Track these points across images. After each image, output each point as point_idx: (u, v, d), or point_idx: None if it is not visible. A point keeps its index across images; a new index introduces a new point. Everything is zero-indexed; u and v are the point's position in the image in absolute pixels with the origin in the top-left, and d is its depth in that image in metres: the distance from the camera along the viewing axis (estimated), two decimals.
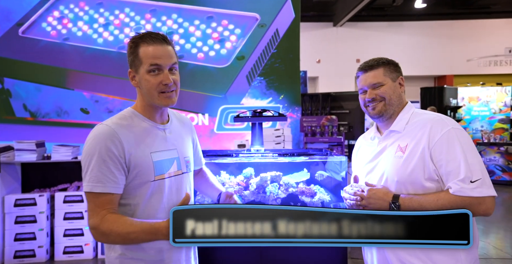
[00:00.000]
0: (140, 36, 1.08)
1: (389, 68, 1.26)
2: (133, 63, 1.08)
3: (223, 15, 3.71)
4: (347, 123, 4.44)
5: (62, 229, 3.15)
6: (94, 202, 1.01)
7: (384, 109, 1.23)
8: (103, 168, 1.01)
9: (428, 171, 1.12)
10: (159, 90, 1.07)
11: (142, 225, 0.99)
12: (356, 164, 1.36)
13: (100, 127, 1.06)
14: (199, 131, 3.81)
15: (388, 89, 1.24)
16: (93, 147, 1.03)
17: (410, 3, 9.24)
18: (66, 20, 3.71)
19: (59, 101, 3.71)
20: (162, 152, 1.10)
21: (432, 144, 1.12)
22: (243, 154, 1.81)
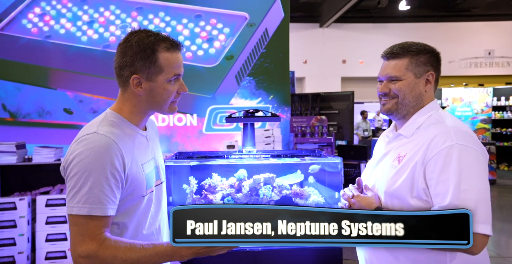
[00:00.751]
0: (158, 40, 0.97)
1: (416, 60, 1.04)
2: (146, 69, 0.96)
3: (211, 14, 3.65)
4: (337, 123, 4.45)
5: (44, 234, 3.03)
6: (86, 225, 0.88)
7: (394, 108, 1.07)
8: (106, 187, 0.89)
9: (416, 189, 0.98)
10: (174, 98, 1.02)
11: (155, 248, 0.89)
12: (368, 164, 1.25)
13: (99, 138, 0.92)
14: (187, 131, 3.74)
15: (405, 87, 1.05)
16: (93, 163, 0.89)
17: (395, 5, 9.40)
18: (48, 17, 3.58)
19: (40, 101, 3.58)
20: (148, 163, 1.03)
21: (427, 159, 0.97)
22: (235, 155, 1.77)
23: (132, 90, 0.99)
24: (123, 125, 1.00)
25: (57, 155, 3.20)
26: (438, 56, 1.08)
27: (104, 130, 0.95)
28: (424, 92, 1.07)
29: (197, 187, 1.66)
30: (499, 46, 10.31)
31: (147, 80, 0.97)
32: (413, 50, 1.05)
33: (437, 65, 1.07)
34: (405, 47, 1.06)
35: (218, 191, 1.67)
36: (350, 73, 10.95)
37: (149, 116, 1.06)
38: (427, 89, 1.07)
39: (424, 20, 10.50)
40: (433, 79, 1.07)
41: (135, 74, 0.97)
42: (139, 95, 1.00)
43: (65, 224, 3.03)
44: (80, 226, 0.88)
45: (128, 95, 1.01)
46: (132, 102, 1.01)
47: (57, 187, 3.37)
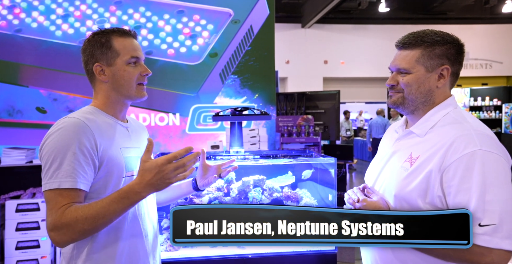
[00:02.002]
0: (110, 30, 1.07)
1: (430, 52, 0.94)
2: (103, 56, 1.04)
3: (194, 10, 3.53)
4: (323, 123, 4.42)
5: (14, 242, 2.83)
6: (55, 199, 0.91)
7: (400, 102, 0.99)
8: (74, 162, 0.92)
9: (430, 196, 0.90)
10: (138, 81, 1.07)
11: (110, 196, 0.92)
12: (372, 162, 1.14)
13: (68, 120, 0.98)
14: (169, 131, 3.60)
15: (413, 81, 0.95)
16: (61, 140, 0.93)
17: (375, 7, 9.55)
18: (18, 10, 3.36)
19: (10, 99, 3.35)
20: (129, 149, 1.07)
21: (446, 165, 0.87)
22: (222, 156, 1.67)
23: (99, 81, 1.06)
24: (98, 114, 1.05)
25: (29, 156, 3.00)
26: (460, 48, 0.97)
27: (77, 115, 1.00)
28: (435, 88, 0.97)
29: None
30: (473, 48, 10.65)
31: (108, 65, 1.04)
32: (427, 40, 0.95)
33: (456, 58, 0.96)
34: (420, 36, 0.96)
35: (205, 194, 1.57)
36: (331, 74, 11.04)
37: (124, 106, 1.10)
38: (439, 85, 0.97)
39: (403, 22, 10.73)
40: (448, 73, 0.96)
41: (96, 63, 1.05)
42: (105, 82, 1.06)
43: (38, 230, 2.85)
44: (50, 201, 0.91)
45: (98, 87, 1.08)
46: (102, 93, 1.07)
47: (29, 191, 3.16)
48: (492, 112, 8.87)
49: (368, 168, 1.16)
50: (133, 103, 1.12)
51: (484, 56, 10.93)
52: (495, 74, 11.00)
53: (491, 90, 9.20)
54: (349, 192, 1.07)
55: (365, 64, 10.94)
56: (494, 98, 8.92)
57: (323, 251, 1.52)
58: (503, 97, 8.87)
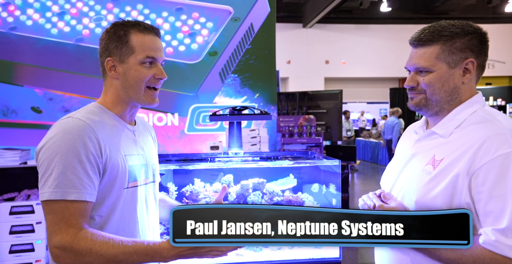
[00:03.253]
0: (131, 23, 0.98)
1: (450, 46, 0.85)
2: (117, 51, 0.96)
3: (193, 7, 3.45)
4: (325, 123, 4.34)
5: (7, 245, 2.76)
6: (61, 213, 0.82)
7: (423, 104, 0.90)
8: (80, 170, 0.84)
9: (457, 203, 0.82)
10: (149, 84, 0.98)
11: (135, 246, 0.84)
12: (389, 165, 1.06)
13: (71, 121, 0.89)
14: (168, 132, 3.53)
15: (436, 80, 0.86)
16: (65, 144, 0.85)
17: (376, 7, 9.49)
18: (13, 7, 3.28)
19: (5, 98, 3.28)
20: (134, 156, 0.99)
21: (475, 168, 0.79)
22: (220, 158, 1.59)
23: (110, 77, 0.98)
24: (104, 114, 0.97)
25: (23, 157, 2.93)
26: (483, 37, 0.87)
27: (80, 115, 0.92)
28: (461, 85, 0.88)
29: (177, 194, 1.47)
30: None
31: (120, 62, 0.96)
32: (446, 34, 0.85)
33: (480, 49, 0.87)
34: (437, 31, 0.86)
35: (201, 198, 1.49)
36: (333, 74, 10.97)
37: (133, 108, 1.02)
38: (465, 81, 0.88)
39: (405, 22, 10.67)
40: (474, 67, 0.87)
41: (109, 57, 0.97)
42: (115, 80, 0.98)
43: (32, 233, 2.77)
44: (55, 213, 0.83)
45: (108, 84, 1.00)
46: (112, 90, 0.99)
47: (24, 193, 3.09)
48: None
49: (384, 171, 1.07)
50: None
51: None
52: (497, 74, 10.92)
53: (495, 90, 9.11)
54: (364, 197, 0.99)
55: (367, 64, 10.87)
56: (498, 98, 8.83)
57: (326, 259, 1.44)
58: (507, 97, 8.78)
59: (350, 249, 1.67)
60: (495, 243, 0.75)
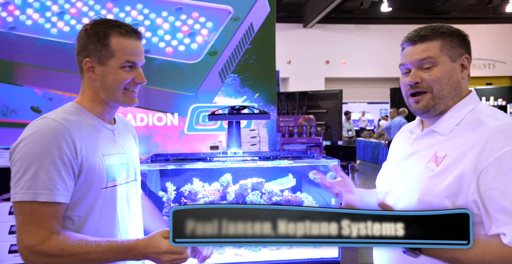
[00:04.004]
0: (112, 25, 0.96)
1: (451, 42, 0.87)
2: (97, 53, 0.94)
3: (193, 7, 3.45)
4: (325, 123, 4.33)
5: (7, 245, 2.75)
6: (32, 214, 0.82)
7: (432, 104, 0.88)
8: (52, 171, 0.84)
9: (464, 201, 0.81)
10: (127, 86, 0.98)
11: (108, 245, 0.84)
12: (385, 165, 1.05)
13: (46, 122, 0.88)
14: (168, 132, 3.52)
15: (443, 74, 0.86)
16: (38, 145, 0.84)
17: (377, 7, 9.48)
18: (13, 7, 3.28)
19: (4, 98, 3.28)
20: (113, 156, 0.99)
21: (483, 165, 0.78)
22: (219, 157, 1.58)
23: (88, 77, 0.97)
24: (81, 114, 0.96)
25: None
26: (469, 40, 0.92)
27: (56, 115, 0.91)
28: (461, 80, 0.89)
29: (175, 194, 1.47)
30: (476, 48, 10.54)
31: (99, 64, 0.95)
32: (444, 31, 0.88)
33: (469, 49, 0.91)
34: (435, 28, 0.89)
35: (200, 198, 1.48)
36: (333, 74, 10.96)
37: (112, 108, 1.02)
38: (463, 76, 0.89)
39: (405, 22, 10.65)
40: (469, 63, 0.90)
41: (87, 58, 0.95)
42: (93, 80, 0.97)
43: None
44: (25, 214, 0.83)
45: (86, 83, 0.99)
46: (90, 90, 0.98)
47: None
48: None
49: (380, 172, 1.06)
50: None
51: (487, 56, 10.83)
52: (498, 74, 10.90)
53: (496, 90, 9.09)
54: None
55: (367, 64, 10.86)
56: (499, 98, 8.81)
57: (325, 259, 1.43)
58: (508, 97, 8.77)
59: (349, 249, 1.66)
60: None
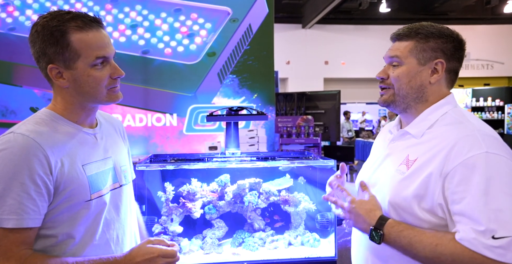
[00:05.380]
0: (67, 19, 0.82)
1: (424, 44, 0.88)
2: (59, 56, 0.82)
3: (192, 8, 3.47)
4: (323, 123, 4.34)
5: None
6: (1, 242, 0.75)
7: (391, 100, 0.93)
8: (21, 194, 0.76)
9: (430, 204, 0.82)
10: (109, 86, 0.87)
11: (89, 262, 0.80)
12: (365, 165, 1.07)
13: (14, 138, 0.78)
14: (166, 132, 3.53)
15: (404, 74, 0.89)
16: (5, 166, 0.76)
17: (375, 8, 9.49)
18: (12, 8, 3.29)
19: (4, 99, 3.29)
20: (96, 163, 0.90)
21: (448, 169, 0.79)
22: (217, 158, 1.60)
23: (58, 85, 0.86)
24: (55, 122, 0.86)
25: None
26: (459, 43, 0.90)
27: (24, 129, 0.81)
28: (427, 84, 0.90)
29: (173, 194, 1.48)
30: (474, 49, 10.58)
31: (66, 68, 0.84)
32: (422, 32, 0.89)
33: (453, 53, 0.90)
34: (414, 28, 0.91)
35: (198, 198, 1.50)
36: (332, 74, 10.97)
37: (91, 110, 0.92)
38: (432, 80, 0.90)
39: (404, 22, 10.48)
40: (443, 68, 0.90)
41: (50, 64, 0.83)
42: (65, 87, 0.86)
43: None
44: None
45: (56, 89, 0.88)
46: (62, 96, 0.88)
47: None
48: (494, 113, 8.78)
49: (359, 171, 1.08)
50: (130, 103, 1.02)
51: (486, 56, 10.86)
52: (496, 75, 10.92)
53: (493, 91, 9.11)
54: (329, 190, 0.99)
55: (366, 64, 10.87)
56: (497, 98, 8.83)
57: (322, 258, 1.45)
58: (506, 97, 8.78)
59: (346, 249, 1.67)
60: (473, 240, 0.74)
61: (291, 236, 1.52)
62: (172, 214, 1.46)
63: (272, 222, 1.55)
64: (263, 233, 1.51)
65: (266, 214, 1.55)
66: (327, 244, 1.50)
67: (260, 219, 1.53)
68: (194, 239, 1.49)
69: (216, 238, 1.48)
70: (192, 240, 1.49)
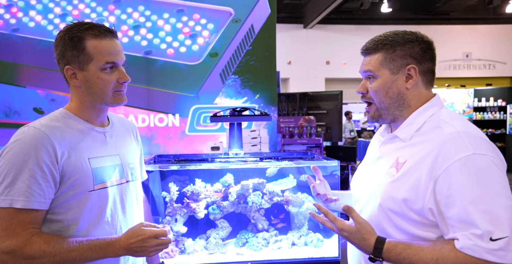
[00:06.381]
0: (85, 28, 0.96)
1: (392, 54, 0.90)
2: (75, 59, 0.95)
3: (194, 9, 3.47)
4: (325, 124, 4.35)
5: None
6: (10, 220, 0.86)
7: (377, 115, 0.94)
8: (29, 179, 0.87)
9: (420, 208, 0.82)
10: (115, 89, 0.99)
11: (90, 243, 0.89)
12: (359, 167, 1.07)
13: (27, 130, 0.91)
14: (169, 132, 3.54)
15: (380, 88, 0.91)
16: (17, 154, 0.88)
17: (377, 8, 9.48)
18: (16, 9, 3.31)
19: (7, 99, 3.30)
20: (102, 158, 1.00)
21: (438, 173, 0.80)
22: (221, 158, 1.60)
23: (72, 84, 0.99)
24: (68, 119, 0.98)
25: None
26: (427, 45, 0.92)
27: (39, 123, 0.94)
28: (405, 90, 0.91)
29: (178, 194, 1.49)
30: (476, 49, 10.56)
31: (80, 70, 0.96)
32: (387, 43, 0.91)
33: (422, 56, 0.91)
34: (380, 40, 0.93)
35: (202, 199, 1.50)
36: (334, 74, 10.97)
37: (101, 111, 1.03)
38: (408, 86, 0.91)
39: (405, 22, 10.65)
40: (416, 73, 0.91)
41: (67, 65, 0.96)
42: (78, 87, 0.98)
43: None
44: (3, 220, 0.86)
45: (72, 90, 1.01)
46: (76, 96, 1.00)
47: None
48: (496, 113, 8.76)
49: (355, 173, 1.09)
50: (132, 103, 1.06)
51: (488, 56, 10.83)
52: (498, 75, 10.90)
53: (496, 91, 9.09)
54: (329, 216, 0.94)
55: None
56: (499, 98, 8.81)
57: (326, 258, 1.45)
58: (508, 97, 8.76)
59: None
60: (474, 247, 0.74)
61: (294, 236, 1.53)
62: (176, 214, 1.47)
63: (275, 223, 1.56)
64: (267, 233, 1.52)
65: (272, 216, 1.56)
66: (331, 244, 1.51)
67: (264, 219, 1.54)
68: (198, 239, 1.50)
69: (220, 238, 1.49)
70: (196, 240, 1.50)
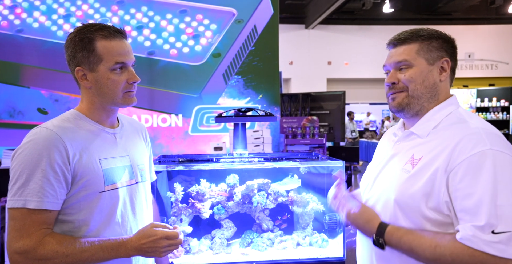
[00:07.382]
0: (95, 29, 0.96)
1: (428, 44, 0.91)
2: (85, 60, 0.96)
3: (197, 9, 3.48)
4: (328, 124, 4.35)
5: None
6: (23, 220, 0.86)
7: (406, 103, 0.92)
8: (43, 180, 0.87)
9: (435, 201, 0.82)
10: (125, 90, 0.99)
11: (102, 244, 0.89)
12: (369, 166, 1.08)
13: (40, 131, 0.92)
14: (172, 133, 3.55)
15: (417, 75, 0.90)
16: (30, 155, 0.88)
17: (379, 8, 9.48)
18: (20, 10, 3.32)
19: (11, 100, 3.32)
20: (113, 159, 1.00)
21: (453, 166, 0.81)
22: (225, 158, 1.61)
23: (83, 85, 0.99)
24: (79, 120, 0.99)
25: None
26: (453, 43, 0.95)
27: (51, 124, 0.94)
28: (439, 82, 0.93)
29: (183, 194, 1.49)
30: (479, 49, 10.54)
31: (90, 71, 0.97)
32: (423, 34, 0.93)
33: (452, 52, 0.94)
34: (414, 31, 0.94)
35: (207, 199, 1.51)
36: (335, 75, 10.96)
37: (111, 112, 1.03)
38: (442, 78, 0.93)
39: (407, 22, 10.64)
40: (449, 66, 0.93)
41: (78, 66, 0.97)
42: (88, 88, 0.99)
43: None
44: (17, 220, 0.86)
45: (83, 91, 1.01)
46: (87, 98, 1.00)
47: None
48: (499, 113, 8.75)
49: (364, 173, 1.09)
50: (135, 104, 1.06)
51: (490, 56, 10.81)
52: (501, 75, 10.87)
53: (498, 91, 9.07)
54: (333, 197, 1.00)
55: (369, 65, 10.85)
56: (502, 99, 8.79)
57: (331, 258, 1.45)
58: (511, 98, 8.74)
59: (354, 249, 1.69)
60: (472, 238, 0.75)
61: (299, 236, 1.53)
62: (181, 215, 1.48)
63: (280, 223, 1.56)
64: (272, 233, 1.52)
65: (278, 217, 1.56)
66: (336, 244, 1.51)
67: (269, 219, 1.54)
68: (203, 239, 1.51)
69: (225, 238, 1.49)
70: (201, 240, 1.50)
